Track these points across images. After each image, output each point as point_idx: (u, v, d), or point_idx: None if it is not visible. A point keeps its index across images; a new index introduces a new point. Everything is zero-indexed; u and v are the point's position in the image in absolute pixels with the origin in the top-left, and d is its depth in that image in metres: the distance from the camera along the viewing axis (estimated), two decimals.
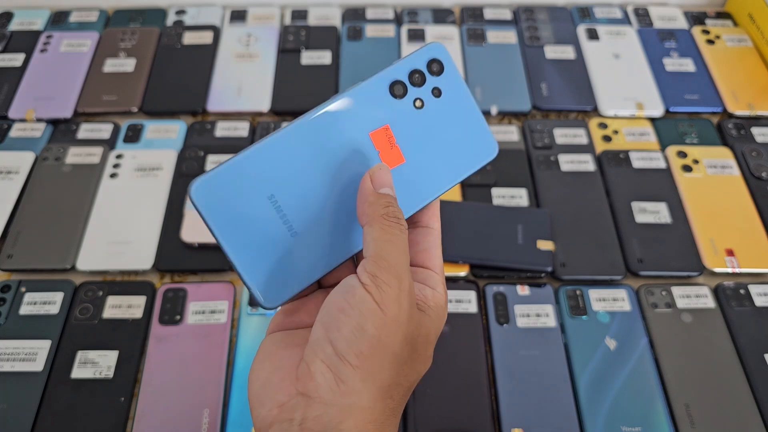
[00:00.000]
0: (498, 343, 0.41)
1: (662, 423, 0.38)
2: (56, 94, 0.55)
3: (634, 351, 0.41)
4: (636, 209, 0.48)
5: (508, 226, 0.46)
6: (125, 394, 0.39)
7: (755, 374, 0.40)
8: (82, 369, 0.40)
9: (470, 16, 0.63)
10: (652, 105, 0.55)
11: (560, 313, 0.43)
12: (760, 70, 0.58)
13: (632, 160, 0.51)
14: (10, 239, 0.46)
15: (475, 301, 0.43)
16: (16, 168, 0.50)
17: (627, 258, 0.46)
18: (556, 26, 0.62)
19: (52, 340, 0.41)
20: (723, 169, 0.51)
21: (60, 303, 0.42)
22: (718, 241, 0.46)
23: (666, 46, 0.60)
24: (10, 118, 0.54)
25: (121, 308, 0.42)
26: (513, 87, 0.57)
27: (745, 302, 0.44)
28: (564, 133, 0.53)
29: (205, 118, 0.55)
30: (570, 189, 0.49)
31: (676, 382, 0.40)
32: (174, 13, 0.63)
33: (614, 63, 0.59)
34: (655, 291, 0.44)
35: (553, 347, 0.41)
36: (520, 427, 0.38)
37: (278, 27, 0.62)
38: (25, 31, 0.60)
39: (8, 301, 0.43)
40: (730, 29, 0.62)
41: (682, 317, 0.43)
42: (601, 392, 0.39)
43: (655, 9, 0.65)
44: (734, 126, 0.54)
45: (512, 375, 0.40)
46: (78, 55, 0.58)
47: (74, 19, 0.62)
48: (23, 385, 0.39)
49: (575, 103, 0.56)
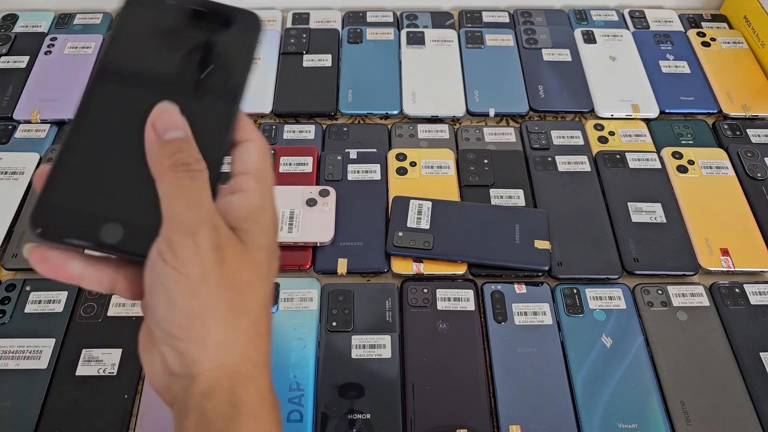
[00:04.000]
0: (496, 340, 0.42)
1: (658, 420, 0.39)
2: (61, 95, 0.56)
3: (630, 349, 0.42)
4: (632, 209, 0.49)
5: (506, 225, 0.46)
6: (129, 392, 0.39)
7: (750, 372, 0.41)
8: (87, 366, 0.40)
9: (468, 19, 0.64)
10: (648, 106, 0.56)
11: (557, 311, 0.44)
12: (755, 72, 0.59)
13: (628, 160, 0.52)
14: (15, 239, 0.46)
15: (473, 299, 0.44)
16: (21, 169, 0.50)
17: (623, 257, 0.46)
18: (553, 29, 0.63)
19: (57, 338, 0.41)
20: (718, 170, 0.52)
21: (64, 301, 0.43)
22: (713, 240, 0.47)
23: (662, 48, 0.61)
24: (15, 119, 0.54)
25: (125, 306, 0.43)
26: (510, 89, 0.57)
27: (741, 301, 0.44)
28: (561, 135, 0.54)
29: None
30: (567, 189, 0.50)
31: (672, 380, 0.40)
32: None
33: (610, 65, 0.60)
34: (650, 290, 0.45)
35: (550, 345, 0.42)
36: (518, 424, 0.38)
37: (280, 30, 0.62)
38: (29, 34, 0.61)
39: (13, 299, 0.43)
40: (725, 31, 0.63)
41: (678, 315, 0.44)
42: (598, 389, 0.40)
43: (651, 12, 0.65)
44: (729, 127, 0.55)
45: (510, 372, 0.41)
46: (82, 57, 0.59)
47: (78, 21, 0.63)
48: (28, 382, 0.39)
49: (572, 105, 0.56)
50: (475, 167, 0.51)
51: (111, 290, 0.22)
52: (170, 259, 0.20)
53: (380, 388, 0.40)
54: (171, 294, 0.20)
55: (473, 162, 0.51)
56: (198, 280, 0.20)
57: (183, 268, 0.20)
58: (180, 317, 0.20)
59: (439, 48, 0.61)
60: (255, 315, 0.22)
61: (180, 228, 0.20)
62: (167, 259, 0.20)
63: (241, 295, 0.21)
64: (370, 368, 0.40)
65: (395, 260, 0.45)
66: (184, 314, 0.20)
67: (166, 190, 0.20)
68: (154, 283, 0.20)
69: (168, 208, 0.20)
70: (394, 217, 0.47)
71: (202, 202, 0.20)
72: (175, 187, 0.20)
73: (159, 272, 0.20)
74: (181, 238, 0.20)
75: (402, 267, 0.45)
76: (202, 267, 0.20)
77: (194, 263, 0.20)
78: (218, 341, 0.21)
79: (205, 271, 0.20)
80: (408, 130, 0.55)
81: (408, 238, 0.45)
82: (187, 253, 0.20)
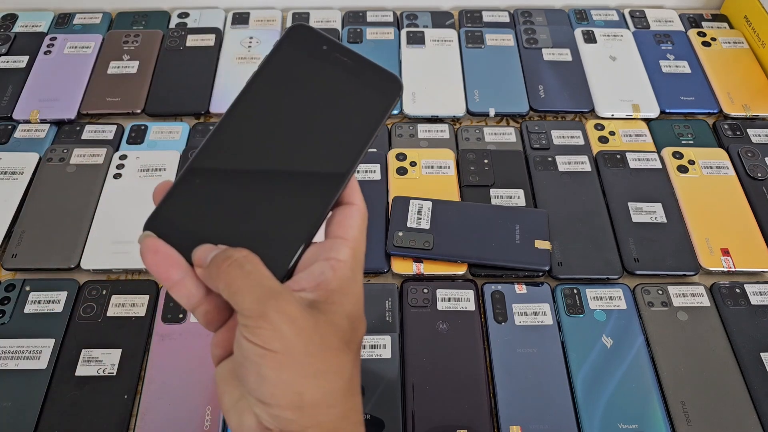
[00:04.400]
0: (496, 340, 0.42)
1: (659, 420, 0.39)
2: (60, 95, 0.55)
3: (630, 349, 0.42)
4: (632, 209, 0.49)
5: (506, 226, 0.46)
6: (129, 392, 0.39)
7: (751, 372, 0.41)
8: (86, 367, 0.40)
9: (468, 19, 0.64)
10: (648, 106, 0.56)
11: (557, 311, 0.44)
12: (755, 72, 0.59)
13: (629, 160, 0.52)
14: (15, 239, 0.46)
15: (473, 299, 0.44)
16: (21, 168, 0.50)
17: (623, 257, 0.46)
18: (553, 29, 0.63)
19: (56, 338, 0.41)
20: (718, 170, 0.52)
21: (64, 302, 0.43)
22: (713, 240, 0.47)
23: (662, 48, 0.61)
24: (15, 119, 0.54)
25: (124, 307, 0.43)
26: (511, 89, 0.57)
27: (741, 301, 0.44)
28: (561, 135, 0.54)
29: (208, 120, 0.56)
30: (567, 189, 0.50)
31: (673, 380, 0.40)
32: (177, 16, 0.63)
33: (611, 65, 0.60)
34: (651, 290, 0.45)
35: (550, 345, 0.42)
36: (518, 425, 0.38)
37: (280, 30, 0.62)
38: (29, 33, 0.61)
39: (13, 299, 0.43)
40: (725, 31, 0.63)
41: (678, 316, 0.43)
42: (598, 390, 0.40)
43: (651, 11, 0.65)
44: (729, 127, 0.55)
45: (510, 372, 0.40)
46: (82, 57, 0.58)
47: (78, 21, 0.63)
48: (28, 382, 0.39)
49: (572, 105, 0.56)
50: (475, 167, 0.51)
51: (193, 309, 0.23)
52: (253, 338, 0.20)
53: (380, 389, 0.39)
54: (260, 369, 0.20)
55: (473, 162, 0.51)
56: (283, 353, 0.20)
57: (267, 345, 0.20)
58: (271, 388, 0.21)
59: (439, 48, 0.61)
60: (347, 377, 0.22)
61: (250, 316, 0.20)
62: (250, 339, 0.20)
63: (328, 360, 0.21)
64: (370, 368, 0.40)
65: (395, 260, 0.45)
66: (275, 385, 0.20)
67: (223, 289, 0.21)
68: (243, 358, 0.21)
69: (233, 303, 0.21)
70: (394, 217, 0.47)
71: (261, 282, 0.21)
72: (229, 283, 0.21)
73: (245, 349, 0.21)
74: (255, 322, 0.20)
75: (402, 267, 0.45)
76: (283, 342, 0.20)
77: (275, 340, 0.20)
78: (313, 404, 0.21)
79: (287, 345, 0.20)
80: (408, 129, 0.55)
81: (408, 238, 0.45)
82: (266, 333, 0.20)
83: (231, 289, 0.21)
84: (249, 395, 0.21)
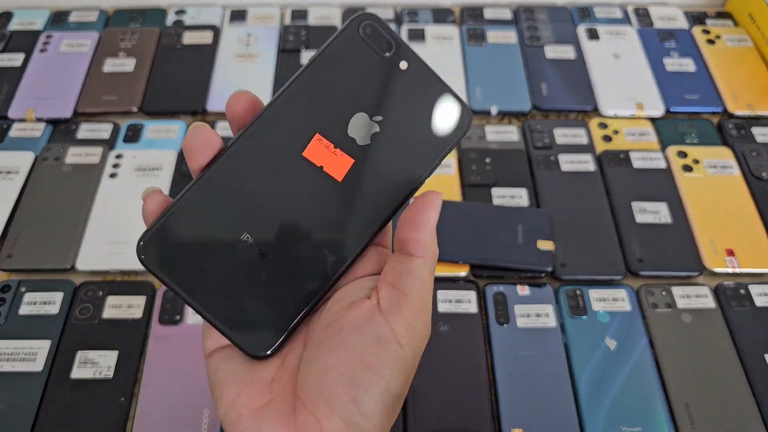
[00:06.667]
0: (498, 343, 0.41)
1: (662, 423, 0.38)
2: (56, 94, 0.55)
3: (633, 351, 0.41)
4: (636, 209, 0.48)
5: (508, 226, 0.46)
6: (125, 394, 0.39)
7: (755, 374, 0.40)
8: (82, 369, 0.40)
9: (470, 16, 0.63)
10: (652, 105, 0.55)
11: (560, 313, 0.43)
12: (760, 70, 0.58)
13: (632, 160, 0.51)
14: (10, 239, 0.46)
15: (475, 301, 0.43)
16: (16, 168, 0.50)
17: (627, 258, 0.45)
18: (556, 26, 0.62)
19: (52, 340, 0.41)
20: (723, 169, 0.51)
21: (60, 303, 0.42)
22: (718, 241, 0.46)
23: (666, 46, 0.60)
24: (10, 117, 0.53)
25: (121, 308, 0.42)
26: (513, 87, 0.56)
27: (745, 302, 0.44)
28: (564, 133, 0.53)
29: (205, 118, 0.55)
30: (570, 189, 0.49)
31: (676, 382, 0.40)
32: (174, 13, 0.63)
33: (614, 63, 0.59)
34: (655, 291, 0.44)
35: (553, 347, 0.41)
36: (520, 427, 0.38)
37: (278, 27, 0.62)
38: (24, 31, 0.60)
39: (8, 301, 0.43)
40: (730, 29, 0.62)
41: (682, 317, 0.43)
42: (601, 392, 0.39)
43: (655, 9, 0.64)
44: (734, 126, 0.54)
45: (512, 375, 0.40)
46: (78, 55, 0.58)
47: (74, 19, 0.62)
48: (23, 385, 0.39)
49: (575, 103, 0.56)
50: (476, 166, 0.50)
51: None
52: (407, 344, 0.20)
53: None
54: (394, 382, 0.19)
55: (475, 161, 0.51)
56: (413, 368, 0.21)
57: (415, 358, 0.20)
58: (388, 404, 0.19)
59: (440, 45, 0.60)
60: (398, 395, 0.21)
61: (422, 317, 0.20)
62: (405, 345, 0.20)
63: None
64: None
65: None
66: (391, 401, 0.20)
67: (426, 273, 0.21)
68: (380, 365, 0.20)
69: (423, 294, 0.21)
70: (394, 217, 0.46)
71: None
72: (432, 272, 0.21)
73: (394, 358, 0.20)
74: (423, 329, 0.20)
75: None
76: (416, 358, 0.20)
77: (419, 355, 0.21)
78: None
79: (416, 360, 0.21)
80: None
81: None
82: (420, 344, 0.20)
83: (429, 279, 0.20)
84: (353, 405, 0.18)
